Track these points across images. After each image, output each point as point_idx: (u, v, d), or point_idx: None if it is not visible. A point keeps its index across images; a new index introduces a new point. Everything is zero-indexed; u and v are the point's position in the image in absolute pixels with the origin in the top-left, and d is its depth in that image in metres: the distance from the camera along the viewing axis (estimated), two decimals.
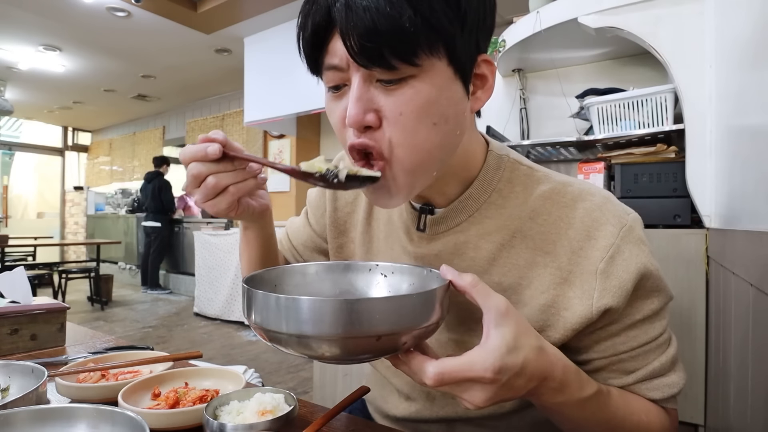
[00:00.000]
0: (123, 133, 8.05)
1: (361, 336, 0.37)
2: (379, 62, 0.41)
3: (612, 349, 0.51)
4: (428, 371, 0.39)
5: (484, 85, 0.49)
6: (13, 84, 5.94)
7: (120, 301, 5.30)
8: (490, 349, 0.39)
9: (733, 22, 0.99)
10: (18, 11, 3.86)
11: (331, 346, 0.38)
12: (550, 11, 1.56)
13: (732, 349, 0.85)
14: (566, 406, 0.46)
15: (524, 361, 0.40)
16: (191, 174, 0.50)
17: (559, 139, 1.61)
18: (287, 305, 0.38)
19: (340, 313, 0.37)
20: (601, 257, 0.48)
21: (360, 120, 0.44)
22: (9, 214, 8.00)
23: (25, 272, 0.93)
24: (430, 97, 0.43)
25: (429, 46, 0.41)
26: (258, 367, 2.95)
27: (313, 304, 0.37)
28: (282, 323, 0.38)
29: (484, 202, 0.54)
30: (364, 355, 0.41)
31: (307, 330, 0.37)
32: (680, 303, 1.21)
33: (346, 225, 0.68)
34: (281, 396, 0.57)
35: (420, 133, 0.44)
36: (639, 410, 0.51)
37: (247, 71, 4.46)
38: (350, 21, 0.40)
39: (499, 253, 0.53)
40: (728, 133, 1.03)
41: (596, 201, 0.51)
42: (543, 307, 0.50)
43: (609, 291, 0.47)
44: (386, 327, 0.37)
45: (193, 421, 0.54)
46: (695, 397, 1.18)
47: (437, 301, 0.40)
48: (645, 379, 0.51)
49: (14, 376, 0.62)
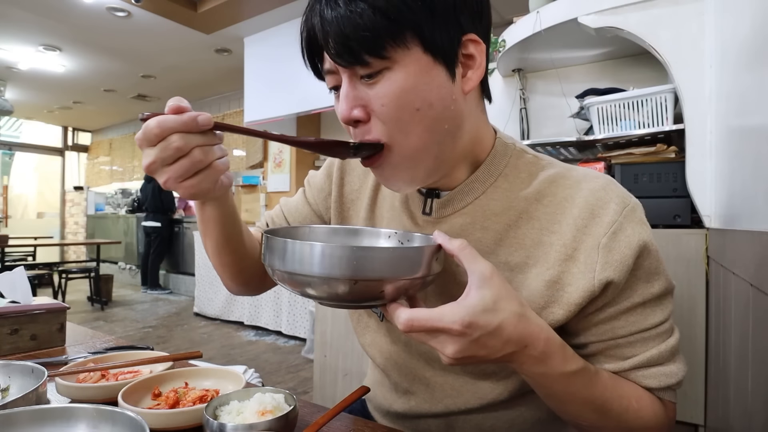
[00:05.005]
0: (123, 133, 8.05)
1: (353, 278, 0.41)
2: (354, 61, 0.45)
3: (610, 333, 0.51)
4: (401, 317, 0.42)
5: (473, 65, 0.50)
6: (13, 84, 5.94)
7: (120, 301, 5.30)
8: (463, 305, 0.41)
9: (733, 22, 0.99)
10: (18, 11, 3.86)
11: (331, 286, 0.43)
12: (550, 11, 1.56)
13: (732, 349, 0.85)
14: (549, 378, 0.46)
15: (501, 323, 0.41)
16: (174, 146, 0.44)
17: (559, 139, 1.61)
18: (302, 249, 0.43)
19: (341, 257, 0.41)
20: (604, 232, 0.49)
21: (348, 116, 0.48)
22: (9, 214, 8.00)
23: (25, 272, 0.93)
24: (406, 85, 0.46)
25: (393, 38, 0.44)
26: (258, 367, 2.95)
27: (321, 249, 0.42)
28: (296, 264, 0.43)
29: (490, 185, 0.55)
30: (359, 299, 0.45)
31: (314, 270, 0.42)
32: (680, 303, 1.21)
33: (349, 211, 0.69)
34: (281, 396, 0.57)
35: (404, 119, 0.47)
36: (629, 395, 0.50)
37: (247, 71, 4.46)
38: (324, 29, 0.45)
39: (505, 234, 0.54)
40: (728, 133, 1.03)
41: (600, 182, 0.52)
42: (548, 283, 0.51)
43: (611, 264, 0.48)
44: (373, 273, 0.42)
45: (193, 421, 0.54)
46: (695, 397, 1.18)
47: (423, 257, 0.44)
48: (641, 366, 0.51)
49: (14, 376, 0.62)
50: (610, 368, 0.52)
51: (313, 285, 0.44)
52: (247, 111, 4.50)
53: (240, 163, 5.91)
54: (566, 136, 1.72)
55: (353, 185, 0.70)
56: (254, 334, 3.84)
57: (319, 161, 5.48)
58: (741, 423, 0.75)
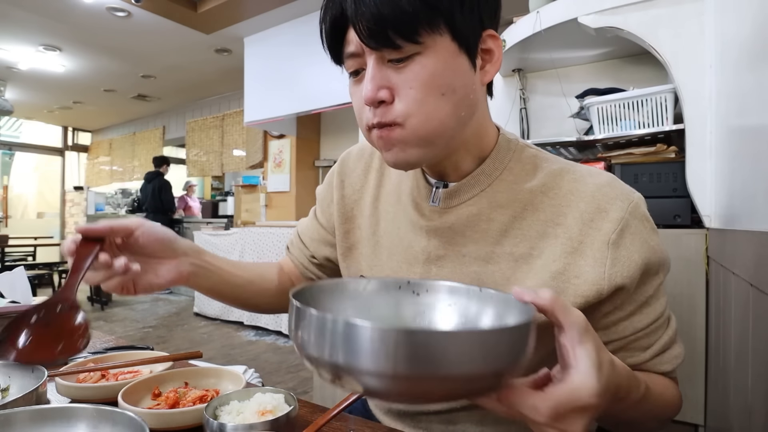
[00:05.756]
0: (123, 133, 8.05)
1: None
2: (386, 43, 0.46)
3: (631, 328, 0.53)
4: (540, 407, 0.36)
5: (491, 59, 0.53)
6: (13, 84, 5.94)
7: (120, 301, 5.30)
8: (585, 372, 0.37)
9: (733, 22, 0.99)
10: (18, 11, 3.86)
11: (413, 386, 0.31)
12: (550, 11, 1.56)
13: (732, 349, 0.85)
14: (625, 410, 0.47)
15: (607, 378, 0.38)
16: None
17: (559, 139, 1.61)
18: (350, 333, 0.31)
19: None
20: (613, 229, 0.51)
21: (374, 96, 0.48)
22: (9, 214, 8.00)
23: (25, 272, 0.93)
24: (436, 70, 0.48)
25: (429, 23, 0.46)
26: (258, 367, 2.95)
27: (381, 334, 0.30)
28: (357, 358, 0.31)
29: (495, 178, 0.57)
30: (451, 397, 0.35)
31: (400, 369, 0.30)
32: (680, 303, 1.21)
33: (353, 212, 0.70)
34: (281, 396, 0.57)
35: (429, 103, 0.48)
36: (665, 388, 0.54)
37: (247, 71, 4.46)
38: (359, 10, 0.46)
39: (510, 225, 0.55)
40: (728, 133, 1.03)
41: (605, 178, 0.54)
42: (554, 275, 0.52)
43: (620, 261, 0.50)
44: (490, 365, 0.32)
45: (193, 421, 0.54)
46: (695, 397, 1.18)
47: (530, 335, 0.34)
48: (658, 354, 0.54)
49: (14, 376, 0.62)
50: (632, 362, 0.54)
51: (398, 387, 0.32)
52: (247, 111, 4.50)
53: (240, 163, 5.91)
54: (566, 136, 1.72)
55: (354, 186, 0.71)
56: (254, 334, 3.84)
57: (319, 161, 5.49)
58: (741, 423, 0.75)
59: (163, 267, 0.63)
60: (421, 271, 0.60)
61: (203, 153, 6.41)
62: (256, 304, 0.76)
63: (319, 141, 5.60)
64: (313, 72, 3.88)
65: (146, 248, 0.61)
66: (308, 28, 3.89)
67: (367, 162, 0.71)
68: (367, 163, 0.71)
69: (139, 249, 0.61)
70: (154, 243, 0.61)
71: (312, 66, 3.89)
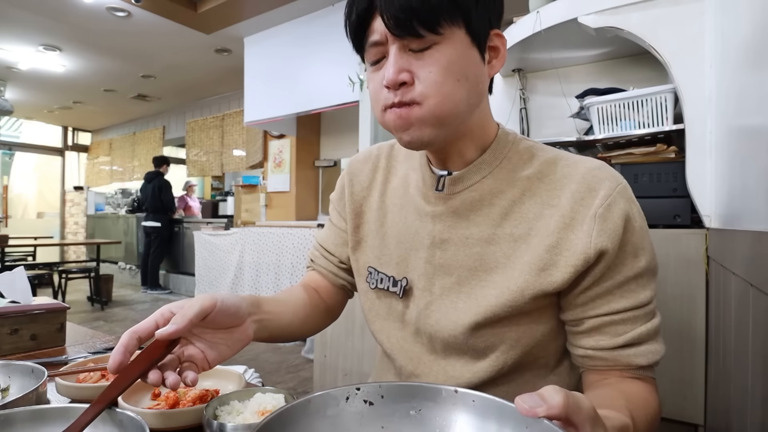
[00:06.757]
0: (123, 133, 8.06)
1: None
2: (410, 32, 0.52)
3: (606, 307, 0.57)
4: (554, 398, 0.34)
5: (497, 55, 0.59)
6: (13, 84, 5.94)
7: (120, 301, 5.31)
8: None
9: (733, 22, 0.99)
10: (18, 11, 3.86)
11: None
12: (550, 11, 1.56)
13: (732, 348, 0.85)
14: None
15: None
16: None
17: (559, 139, 1.61)
18: None
19: None
20: (600, 204, 0.56)
21: (396, 78, 0.53)
22: (9, 214, 8.00)
23: (25, 272, 0.93)
24: (453, 57, 0.53)
25: (450, 16, 0.52)
26: (258, 367, 2.95)
27: None
28: None
29: (496, 167, 0.62)
30: None
31: None
32: (680, 303, 1.21)
33: (362, 207, 0.75)
34: (281, 396, 0.57)
35: (447, 85, 0.53)
36: (647, 409, 0.54)
37: (247, 71, 4.46)
38: (389, 2, 0.51)
39: (510, 208, 0.60)
40: (728, 133, 1.03)
41: (596, 163, 0.60)
42: (548, 248, 0.57)
43: (605, 231, 0.55)
44: None
45: (193, 421, 0.54)
46: (695, 397, 1.18)
47: None
48: (633, 344, 0.56)
49: (14, 376, 0.62)
50: (605, 344, 0.57)
51: None
52: (247, 111, 4.50)
53: (240, 163, 5.91)
54: (566, 136, 1.72)
55: (363, 183, 0.76)
56: None
57: (319, 161, 5.49)
58: (741, 423, 0.75)
59: (233, 336, 0.56)
60: (425, 255, 0.64)
61: (203, 153, 6.41)
62: (303, 333, 0.74)
63: (319, 141, 5.60)
64: (313, 72, 3.88)
65: (220, 324, 0.55)
66: (308, 28, 3.90)
67: (374, 163, 0.77)
68: (374, 163, 0.76)
69: (210, 325, 0.54)
70: (227, 318, 0.55)
71: (312, 66, 3.89)
